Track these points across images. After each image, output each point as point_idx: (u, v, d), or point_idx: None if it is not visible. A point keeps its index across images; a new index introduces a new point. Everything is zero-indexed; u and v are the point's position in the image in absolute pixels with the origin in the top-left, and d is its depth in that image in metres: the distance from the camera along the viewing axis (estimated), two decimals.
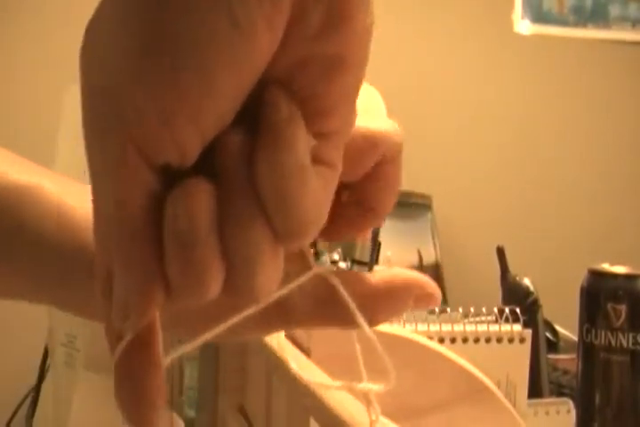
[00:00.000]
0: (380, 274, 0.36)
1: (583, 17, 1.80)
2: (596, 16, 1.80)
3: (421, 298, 0.36)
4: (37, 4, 1.62)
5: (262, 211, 0.27)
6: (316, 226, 0.28)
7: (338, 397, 0.44)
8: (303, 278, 0.33)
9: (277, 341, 0.62)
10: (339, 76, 0.28)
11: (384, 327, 0.61)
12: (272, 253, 0.28)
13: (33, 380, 1.28)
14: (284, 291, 0.32)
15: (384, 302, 0.35)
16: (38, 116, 1.58)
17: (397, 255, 1.24)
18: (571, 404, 0.87)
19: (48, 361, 1.18)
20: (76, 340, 0.99)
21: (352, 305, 0.34)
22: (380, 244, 0.99)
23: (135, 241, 0.27)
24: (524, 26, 1.78)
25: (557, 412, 0.87)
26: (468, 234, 1.75)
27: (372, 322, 0.35)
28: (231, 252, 0.27)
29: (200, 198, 0.27)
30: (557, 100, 1.82)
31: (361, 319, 0.34)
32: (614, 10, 1.80)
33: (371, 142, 0.36)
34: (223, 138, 0.28)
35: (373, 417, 0.37)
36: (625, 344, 0.82)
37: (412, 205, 1.51)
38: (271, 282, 0.28)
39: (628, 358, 0.82)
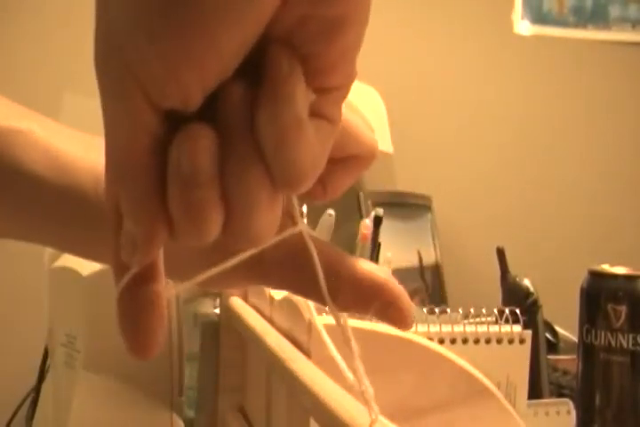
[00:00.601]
0: (362, 265, 0.37)
1: (583, 18, 1.80)
2: (596, 17, 1.80)
3: (386, 308, 0.37)
4: (36, 6, 1.62)
5: (261, 158, 0.29)
6: (312, 176, 0.29)
7: (338, 397, 0.44)
8: (287, 233, 0.34)
9: (277, 341, 0.62)
10: (339, 36, 0.29)
11: (384, 328, 0.61)
12: (269, 199, 0.29)
13: (33, 380, 1.28)
14: (269, 243, 0.32)
15: (348, 290, 0.36)
16: None
17: (397, 256, 1.24)
18: (571, 404, 0.87)
19: (48, 362, 1.18)
20: (76, 340, 0.99)
21: (319, 269, 0.34)
22: (379, 244, 0.99)
23: (141, 181, 0.29)
24: (523, 26, 1.78)
25: (557, 412, 0.87)
26: (468, 234, 1.75)
27: (336, 302, 0.35)
28: (230, 196, 0.29)
29: (202, 142, 0.29)
30: (557, 101, 1.82)
31: (324, 286, 0.34)
32: (614, 11, 1.80)
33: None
34: (227, 88, 0.29)
35: (373, 417, 0.37)
36: (625, 345, 0.82)
37: (412, 206, 1.51)
38: (268, 228, 0.30)
39: (628, 358, 0.82)
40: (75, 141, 0.43)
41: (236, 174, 0.29)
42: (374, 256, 0.97)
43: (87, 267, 0.96)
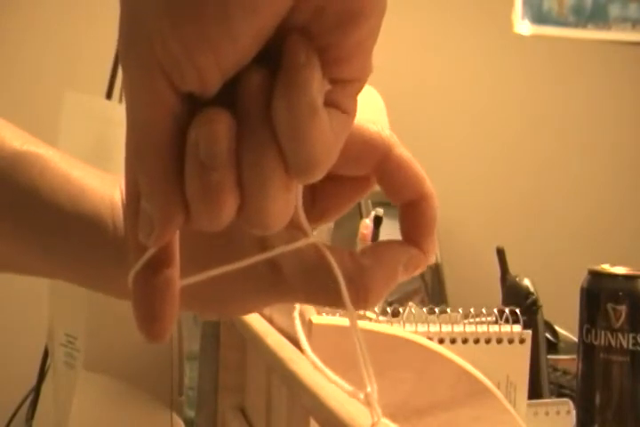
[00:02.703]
0: (365, 249, 0.38)
1: (583, 17, 1.80)
2: (596, 16, 1.80)
3: (411, 263, 0.38)
4: (36, 6, 1.62)
5: (277, 145, 0.30)
6: (324, 164, 0.30)
7: (338, 397, 0.44)
8: (298, 244, 0.35)
9: (277, 341, 0.62)
10: (355, 27, 0.30)
11: (384, 328, 0.61)
12: (283, 185, 0.30)
13: (33, 380, 1.28)
14: (278, 251, 0.34)
15: (372, 274, 0.37)
16: (37, 122, 1.58)
17: None
18: (571, 404, 0.87)
19: (48, 362, 1.18)
20: (76, 340, 0.99)
21: (338, 273, 0.35)
22: None
23: (159, 162, 0.30)
24: (524, 26, 1.78)
25: (557, 412, 0.87)
26: (468, 234, 1.75)
27: (364, 299, 0.36)
28: (245, 181, 0.30)
29: (220, 127, 0.30)
30: (557, 101, 1.82)
31: (345, 291, 0.35)
32: (614, 10, 1.80)
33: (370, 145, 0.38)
34: (245, 75, 0.30)
35: (375, 419, 0.37)
36: (625, 345, 0.82)
37: None
38: (282, 214, 0.31)
39: (628, 358, 0.82)
40: (89, 172, 0.42)
41: (251, 160, 0.30)
42: None
43: None
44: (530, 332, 0.75)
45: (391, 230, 1.39)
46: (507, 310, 0.75)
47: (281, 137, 0.30)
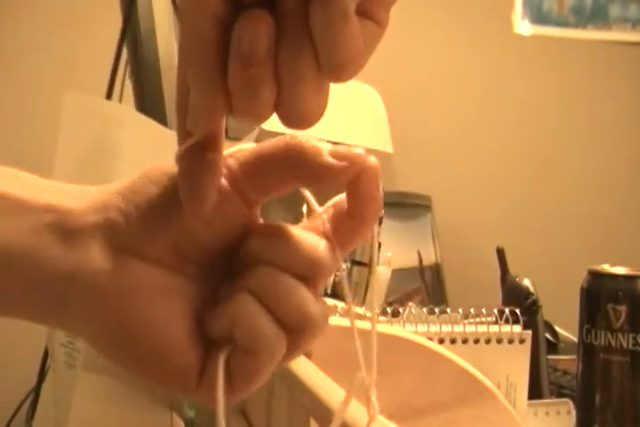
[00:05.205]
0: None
1: (583, 18, 1.80)
2: (596, 17, 1.80)
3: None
4: (36, 6, 1.62)
5: (311, 46, 0.34)
6: (353, 67, 0.34)
7: (338, 397, 0.44)
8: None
9: None
10: None
11: (384, 328, 0.61)
12: (316, 83, 0.34)
13: (33, 380, 1.27)
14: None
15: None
16: (36, 122, 1.58)
17: (397, 256, 1.24)
18: (571, 404, 0.87)
19: (48, 362, 1.18)
20: (76, 340, 0.99)
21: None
22: (380, 244, 0.99)
23: (206, 57, 0.34)
24: (523, 26, 1.78)
25: (557, 412, 0.87)
26: (468, 234, 1.75)
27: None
28: (282, 76, 0.34)
29: (261, 25, 0.33)
30: (557, 101, 1.82)
31: (347, 289, 0.35)
32: (614, 10, 1.80)
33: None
34: None
35: (372, 413, 0.37)
36: (625, 345, 0.82)
37: (412, 206, 1.51)
38: (315, 109, 0.35)
39: (627, 358, 0.82)
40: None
41: (288, 58, 0.34)
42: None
43: None
44: (530, 332, 0.76)
45: (391, 230, 1.39)
46: (507, 311, 0.75)
47: (316, 39, 0.33)
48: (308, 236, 0.38)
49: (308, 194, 0.39)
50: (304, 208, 0.75)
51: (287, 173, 0.38)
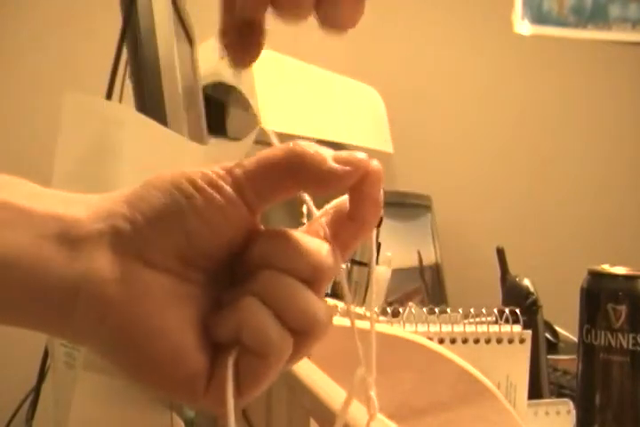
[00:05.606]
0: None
1: (583, 18, 1.80)
2: (596, 17, 1.80)
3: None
4: (36, 5, 1.62)
5: None
6: None
7: (338, 397, 0.44)
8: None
9: None
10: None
11: (385, 328, 0.61)
12: None
13: (33, 380, 1.27)
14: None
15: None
16: (36, 122, 1.58)
17: (397, 256, 1.24)
18: (571, 404, 0.87)
19: (48, 362, 1.17)
20: None
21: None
22: (379, 244, 0.99)
23: None
24: (523, 26, 1.78)
25: (557, 412, 0.87)
26: (468, 234, 1.75)
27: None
28: None
29: None
30: (557, 101, 1.82)
31: (346, 286, 0.35)
32: (614, 10, 1.80)
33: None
34: None
35: (372, 411, 0.37)
36: (625, 345, 0.82)
37: (412, 206, 1.51)
38: (351, 18, 0.40)
39: (627, 358, 0.82)
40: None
41: None
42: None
43: None
44: (530, 332, 0.76)
45: (391, 230, 1.39)
46: (507, 310, 0.75)
47: None
48: (311, 240, 0.38)
49: (307, 197, 0.39)
50: (304, 208, 0.75)
51: (291, 180, 0.37)
